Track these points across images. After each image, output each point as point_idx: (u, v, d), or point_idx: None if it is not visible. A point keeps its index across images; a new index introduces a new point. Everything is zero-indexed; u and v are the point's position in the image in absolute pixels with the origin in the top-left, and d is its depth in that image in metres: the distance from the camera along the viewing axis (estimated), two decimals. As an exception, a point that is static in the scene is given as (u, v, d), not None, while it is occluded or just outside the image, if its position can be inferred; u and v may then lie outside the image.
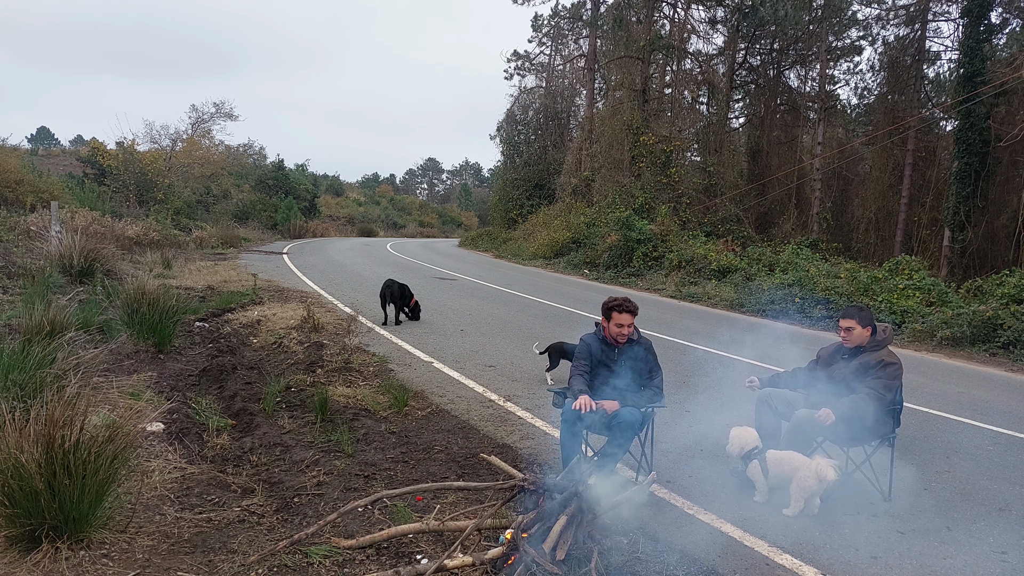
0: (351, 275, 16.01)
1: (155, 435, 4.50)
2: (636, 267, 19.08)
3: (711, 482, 4.42)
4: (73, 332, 5.98)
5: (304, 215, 37.08)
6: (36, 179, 19.72)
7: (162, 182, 25.90)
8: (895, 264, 14.01)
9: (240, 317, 8.99)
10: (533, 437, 5.14)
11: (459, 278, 16.95)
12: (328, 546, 3.17)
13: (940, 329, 10.66)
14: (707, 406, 6.19)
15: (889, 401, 4.21)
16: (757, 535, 3.69)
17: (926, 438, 5.69)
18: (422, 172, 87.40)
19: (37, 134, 52.18)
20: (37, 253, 11.04)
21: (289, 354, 7.03)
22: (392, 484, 4.00)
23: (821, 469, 3.88)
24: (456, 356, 7.71)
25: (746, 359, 8.57)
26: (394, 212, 56.27)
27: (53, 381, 4.45)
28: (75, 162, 30.36)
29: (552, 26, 36.33)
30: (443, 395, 6.12)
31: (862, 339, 4.34)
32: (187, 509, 3.54)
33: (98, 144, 27.65)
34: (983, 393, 7.66)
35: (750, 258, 16.86)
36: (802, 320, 12.70)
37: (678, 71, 27.69)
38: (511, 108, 37.28)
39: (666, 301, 15.14)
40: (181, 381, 5.96)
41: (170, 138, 28.12)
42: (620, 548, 3.34)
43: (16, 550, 2.92)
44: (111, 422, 3.80)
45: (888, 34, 22.50)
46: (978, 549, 3.66)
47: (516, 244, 27.35)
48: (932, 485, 4.60)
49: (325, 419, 4.99)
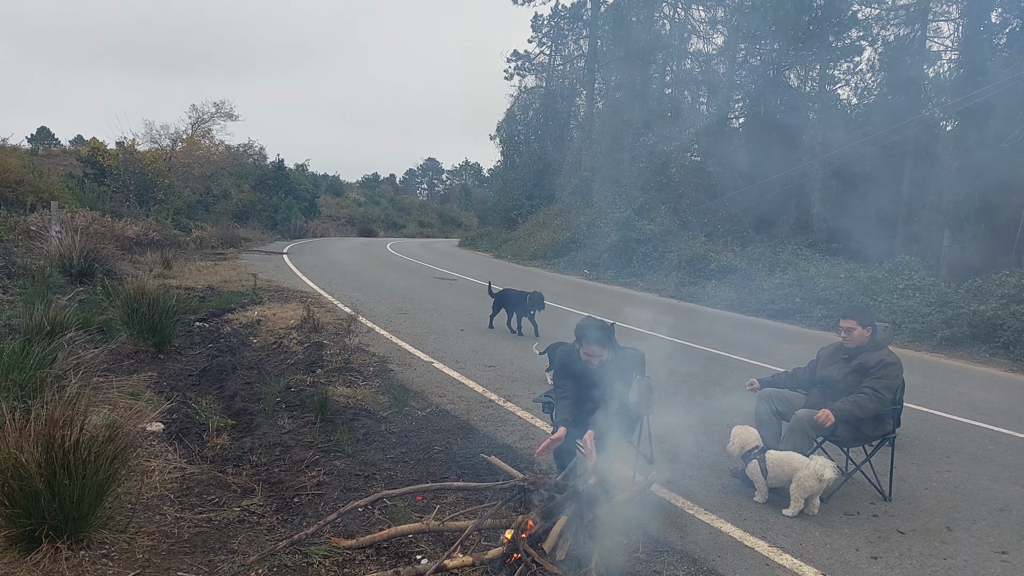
0: (351, 275, 16.01)
1: (155, 435, 4.50)
2: (636, 267, 19.08)
3: (711, 482, 4.42)
4: (73, 332, 5.97)
5: (304, 215, 37.05)
6: (36, 179, 19.69)
7: (162, 182, 25.88)
8: (895, 264, 14.01)
9: (240, 317, 8.99)
10: (533, 437, 5.14)
11: (459, 278, 16.95)
12: (328, 546, 3.16)
13: (940, 329, 10.66)
14: (707, 406, 6.19)
15: (889, 401, 4.21)
16: (757, 535, 3.69)
17: (926, 438, 5.69)
18: (422, 172, 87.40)
19: (37, 134, 52.10)
20: (37, 253, 11.03)
21: (289, 354, 7.03)
22: (392, 484, 4.00)
23: (821, 469, 3.88)
24: (456, 356, 7.71)
25: (745, 359, 8.57)
26: (394, 212, 56.23)
27: (53, 381, 4.45)
28: (75, 162, 30.30)
29: (552, 26, 36.36)
30: (443, 395, 6.12)
31: (862, 339, 4.34)
32: (187, 509, 3.54)
33: (98, 144, 27.63)
34: (983, 393, 7.66)
35: (750, 258, 16.86)
36: (802, 320, 12.70)
37: (678, 71, 27.69)
38: (511, 108, 37.31)
39: (666, 301, 15.14)
40: (181, 381, 5.96)
41: (170, 138, 28.09)
42: (620, 548, 3.34)
43: (16, 550, 2.92)
44: (111, 422, 3.80)
45: (888, 34, 22.49)
46: (978, 549, 3.66)
47: (516, 244, 27.34)
48: (932, 485, 4.61)
49: (325, 419, 4.99)
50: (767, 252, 16.94)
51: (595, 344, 3.96)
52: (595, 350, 3.97)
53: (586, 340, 3.98)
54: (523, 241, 26.99)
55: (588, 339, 3.97)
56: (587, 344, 3.97)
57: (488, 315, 9.65)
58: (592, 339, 3.96)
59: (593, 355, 3.98)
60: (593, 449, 3.72)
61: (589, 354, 3.99)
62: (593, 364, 4.01)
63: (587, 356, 4.01)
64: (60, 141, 52.48)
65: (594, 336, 3.96)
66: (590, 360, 4.01)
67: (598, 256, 20.75)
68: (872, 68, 24.08)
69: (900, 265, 13.84)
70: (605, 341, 3.98)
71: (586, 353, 4.00)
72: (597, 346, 3.96)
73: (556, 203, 29.17)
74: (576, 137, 33.64)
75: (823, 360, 4.56)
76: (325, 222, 41.08)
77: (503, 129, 36.82)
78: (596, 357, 3.98)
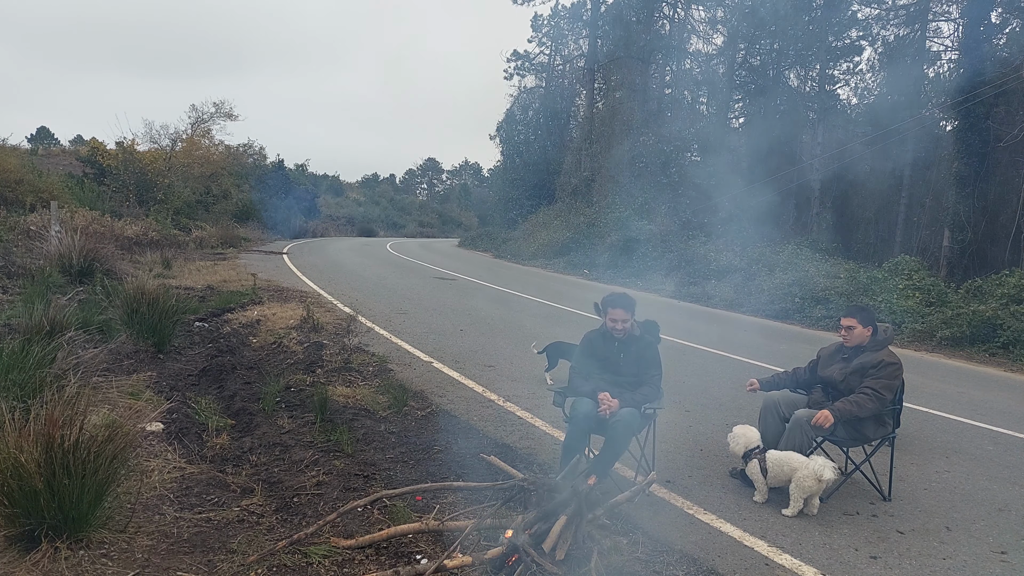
0: (351, 275, 16.01)
1: (155, 435, 4.50)
2: (636, 267, 19.09)
3: (711, 482, 4.43)
4: (73, 332, 5.97)
5: (304, 215, 37.03)
6: (36, 179, 19.68)
7: (162, 182, 25.86)
8: (895, 264, 14.01)
9: (240, 317, 8.99)
10: (533, 437, 5.14)
11: (459, 278, 16.95)
12: (327, 546, 3.16)
13: (940, 329, 10.66)
14: (707, 406, 6.20)
15: (889, 401, 4.21)
16: (757, 535, 3.69)
17: (926, 438, 5.69)
18: (422, 172, 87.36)
19: (37, 134, 52.14)
20: (37, 253, 11.03)
21: (289, 354, 7.03)
22: (392, 484, 4.00)
23: (820, 470, 3.87)
24: (456, 356, 7.71)
25: (745, 359, 8.57)
26: (394, 212, 56.25)
27: (53, 381, 4.45)
28: (75, 162, 30.30)
29: (552, 26, 36.40)
30: (443, 395, 6.12)
31: (862, 339, 4.34)
32: (186, 509, 3.54)
33: (98, 144, 27.63)
34: (983, 393, 7.66)
35: (750, 258, 16.86)
36: (801, 320, 12.70)
37: (678, 71, 27.69)
38: (511, 108, 37.34)
39: (666, 301, 15.14)
40: (181, 381, 5.96)
41: (170, 138, 28.09)
42: (620, 548, 3.34)
43: (15, 550, 2.92)
44: (111, 422, 3.80)
45: (888, 34, 22.50)
46: (977, 549, 3.66)
47: (516, 244, 27.35)
48: (931, 485, 4.61)
49: (325, 419, 4.99)
50: (767, 252, 16.93)
51: (620, 308, 4.26)
52: (620, 314, 4.25)
53: (612, 305, 4.29)
54: (523, 241, 27.00)
55: (615, 303, 4.29)
56: (613, 308, 4.28)
57: (489, 315, 9.62)
58: (619, 303, 4.27)
59: (619, 319, 4.26)
60: (614, 403, 4.05)
61: (615, 319, 4.27)
62: (618, 332, 4.29)
63: (612, 323, 4.29)
64: (60, 141, 52.49)
65: (621, 300, 4.29)
66: (615, 327, 4.29)
67: (598, 256, 20.76)
68: (872, 68, 24.07)
69: (900, 265, 13.85)
70: (630, 306, 4.29)
71: (611, 319, 4.29)
72: (622, 309, 4.25)
73: (556, 203, 29.18)
74: (576, 137, 33.64)
75: (823, 360, 4.56)
76: (325, 222, 41.07)
77: (503, 129, 36.85)
78: (621, 322, 4.26)
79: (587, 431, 4.09)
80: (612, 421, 4.04)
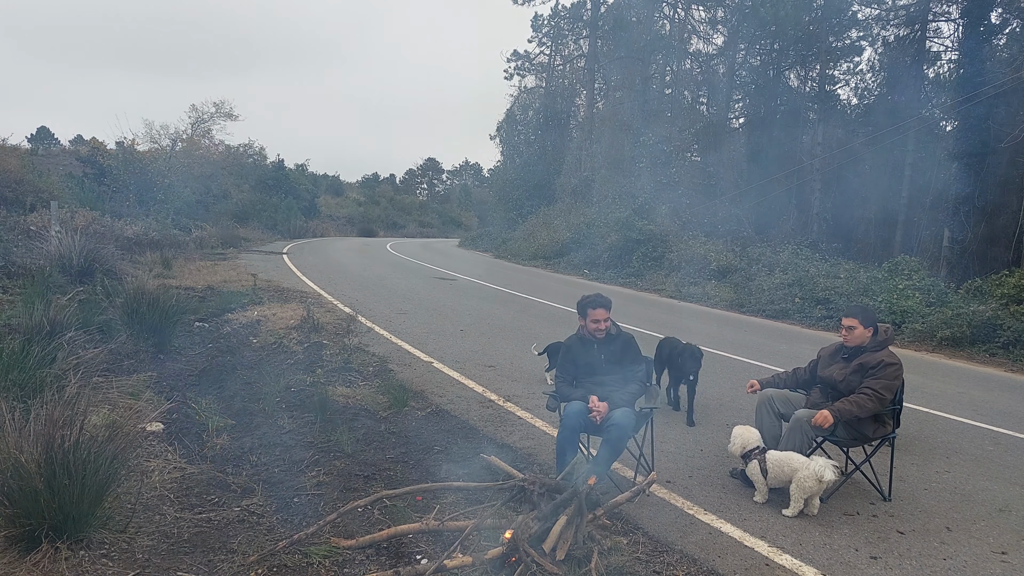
0: (351, 275, 16.01)
1: (155, 435, 4.50)
2: (636, 267, 19.08)
3: (711, 482, 4.43)
4: (73, 332, 5.97)
5: (304, 215, 37.02)
6: (36, 179, 19.69)
7: (162, 182, 25.85)
8: (895, 264, 14.01)
9: (240, 317, 8.99)
10: (533, 437, 5.14)
11: (459, 278, 16.95)
12: (328, 546, 3.16)
13: (940, 329, 10.66)
14: (707, 406, 6.20)
15: (889, 401, 4.21)
16: (757, 535, 3.69)
17: (926, 438, 5.69)
18: (422, 172, 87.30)
19: (37, 134, 52.11)
20: (37, 253, 11.02)
21: (289, 354, 7.03)
22: (392, 484, 4.00)
23: (820, 470, 3.87)
24: (456, 356, 7.71)
25: (745, 359, 8.57)
26: (394, 212, 56.19)
27: (53, 381, 4.45)
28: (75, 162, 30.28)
29: (552, 26, 36.37)
30: (443, 395, 6.12)
31: (863, 339, 4.34)
32: (187, 509, 3.54)
33: (98, 144, 27.66)
34: (983, 393, 7.66)
35: (750, 258, 16.87)
36: (801, 320, 12.70)
37: (678, 71, 27.69)
38: (511, 108, 37.34)
39: (666, 301, 15.15)
40: (181, 381, 5.96)
41: (170, 138, 28.07)
42: (620, 548, 3.34)
43: (16, 550, 2.92)
44: (111, 422, 3.80)
45: (888, 34, 22.49)
46: (977, 549, 3.66)
47: (516, 244, 27.33)
48: (932, 485, 4.61)
49: (325, 419, 4.99)
50: (767, 252, 16.93)
51: (602, 307, 4.31)
52: (603, 313, 4.30)
53: (593, 305, 4.32)
54: (523, 241, 26.98)
55: (596, 304, 4.32)
56: (594, 309, 4.31)
57: (489, 316, 9.62)
58: (600, 303, 4.32)
59: (601, 319, 4.30)
60: (603, 406, 4.05)
61: (597, 319, 4.30)
62: (599, 333, 4.32)
63: (594, 324, 4.31)
64: (60, 141, 52.43)
65: (601, 300, 4.35)
66: (596, 329, 4.31)
67: (598, 256, 20.74)
68: (872, 68, 24.07)
69: (900, 265, 13.84)
70: (610, 305, 4.35)
71: (593, 320, 4.31)
72: (603, 308, 4.31)
73: (556, 203, 29.16)
74: (576, 137, 33.65)
75: (824, 360, 4.56)
76: (325, 222, 41.04)
77: (503, 129, 36.84)
78: (602, 322, 4.30)
79: (578, 430, 4.03)
80: (607, 425, 4.02)
